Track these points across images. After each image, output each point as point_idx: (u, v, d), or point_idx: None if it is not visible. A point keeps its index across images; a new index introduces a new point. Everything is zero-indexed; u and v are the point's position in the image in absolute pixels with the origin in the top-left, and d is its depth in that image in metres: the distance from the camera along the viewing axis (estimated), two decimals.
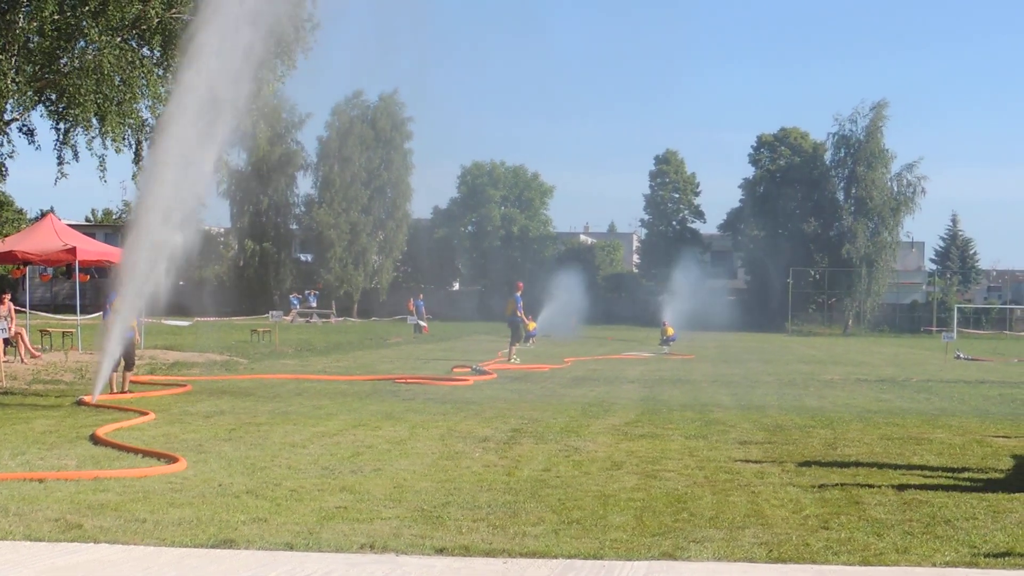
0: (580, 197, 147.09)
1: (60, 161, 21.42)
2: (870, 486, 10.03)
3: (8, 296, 25.31)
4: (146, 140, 21.43)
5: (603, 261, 75.25)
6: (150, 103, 21.19)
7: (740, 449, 12.41)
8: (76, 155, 21.55)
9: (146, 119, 21.40)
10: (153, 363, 24.66)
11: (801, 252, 69.93)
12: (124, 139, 21.06)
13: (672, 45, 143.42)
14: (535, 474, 10.47)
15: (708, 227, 79.58)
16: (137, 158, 21.59)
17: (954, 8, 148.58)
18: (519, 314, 30.46)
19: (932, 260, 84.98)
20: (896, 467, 11.22)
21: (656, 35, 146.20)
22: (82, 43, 20.07)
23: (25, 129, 22.35)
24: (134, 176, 22.04)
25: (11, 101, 20.51)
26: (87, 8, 19.46)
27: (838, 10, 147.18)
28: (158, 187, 17.21)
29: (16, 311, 26.09)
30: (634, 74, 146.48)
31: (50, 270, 54.65)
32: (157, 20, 20.31)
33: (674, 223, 76.94)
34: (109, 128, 20.19)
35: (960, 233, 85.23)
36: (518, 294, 31.22)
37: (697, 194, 77.60)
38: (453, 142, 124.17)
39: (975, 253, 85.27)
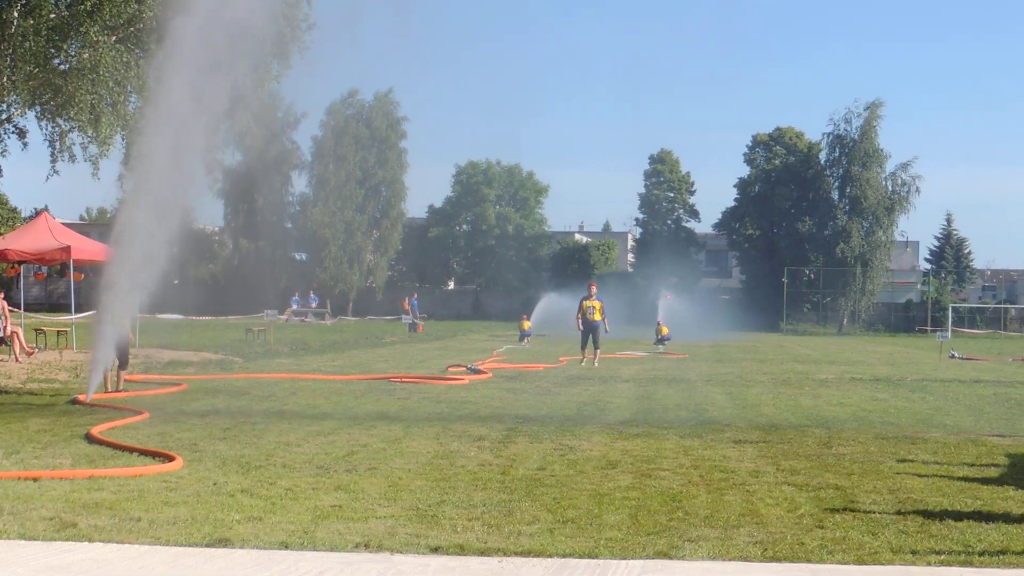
0: (575, 196, 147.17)
1: (53, 159, 21.41)
2: (865, 485, 10.04)
3: (1, 294, 25.28)
4: (136, 141, 21.43)
5: (598, 260, 75.27)
6: (143, 104, 21.21)
7: (735, 448, 12.42)
8: (72, 157, 21.55)
9: (137, 121, 21.41)
10: (148, 362, 24.61)
11: (796, 251, 69.99)
12: (119, 140, 21.06)
13: (668, 44, 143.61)
14: (530, 473, 10.47)
15: (703, 226, 79.79)
16: (128, 158, 21.57)
17: (949, 7, 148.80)
18: (606, 321, 28.28)
19: (927, 260, 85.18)
20: (891, 466, 11.24)
21: (651, 34, 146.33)
22: (78, 43, 20.06)
23: (16, 130, 22.34)
24: (120, 177, 22.02)
25: (6, 100, 20.50)
26: (83, 7, 19.43)
27: (834, 9, 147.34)
28: (144, 186, 17.15)
29: (10, 310, 26.04)
30: (630, 73, 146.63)
31: (45, 269, 54.61)
32: (153, 20, 20.29)
33: (669, 222, 76.98)
34: (103, 130, 20.19)
35: (955, 233, 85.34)
36: (601, 297, 28.87)
37: (692, 193, 77.69)
38: (448, 141, 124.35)
39: (969, 252, 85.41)
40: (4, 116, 21.47)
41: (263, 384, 20.37)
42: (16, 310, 30.89)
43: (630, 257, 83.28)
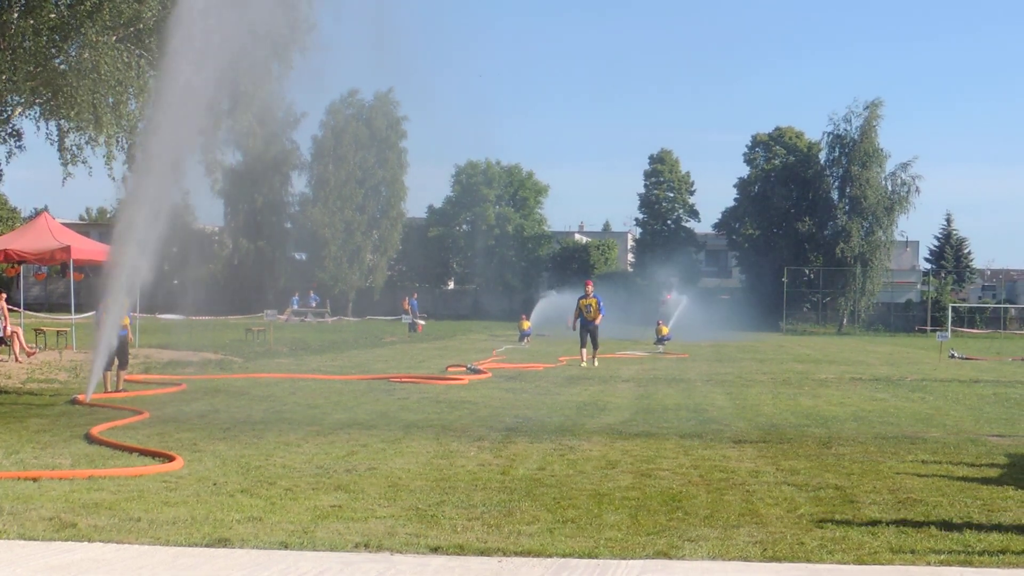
0: (575, 196, 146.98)
1: (64, 161, 21.44)
2: (864, 485, 10.04)
3: (3, 296, 25.28)
4: (138, 141, 21.44)
5: (598, 260, 75.26)
6: (143, 104, 21.21)
7: (735, 448, 12.42)
8: (74, 158, 21.54)
9: (138, 121, 21.42)
10: (148, 362, 24.62)
11: (796, 251, 69.99)
12: (117, 142, 21.05)
13: (668, 43, 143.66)
14: (530, 473, 10.47)
15: (703, 226, 79.78)
16: (130, 159, 21.56)
17: (949, 6, 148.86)
18: (599, 318, 27.56)
19: (926, 259, 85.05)
20: (890, 466, 11.24)
21: (651, 33, 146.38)
22: (78, 43, 20.07)
23: (12, 131, 22.35)
24: (124, 178, 22.01)
25: (7, 101, 20.52)
26: (83, 7, 19.43)
27: (833, 9, 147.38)
28: (144, 185, 17.16)
29: (10, 310, 26.04)
30: (629, 73, 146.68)
31: (44, 269, 54.60)
32: (153, 20, 20.29)
33: (669, 222, 76.97)
34: (103, 130, 20.20)
35: (954, 232, 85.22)
36: (598, 294, 28.22)
37: (692, 193, 77.68)
38: (447, 141, 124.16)
39: (969, 252, 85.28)
40: (4, 116, 21.48)
41: (263, 384, 20.37)
42: (16, 310, 30.90)
43: (630, 257, 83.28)
